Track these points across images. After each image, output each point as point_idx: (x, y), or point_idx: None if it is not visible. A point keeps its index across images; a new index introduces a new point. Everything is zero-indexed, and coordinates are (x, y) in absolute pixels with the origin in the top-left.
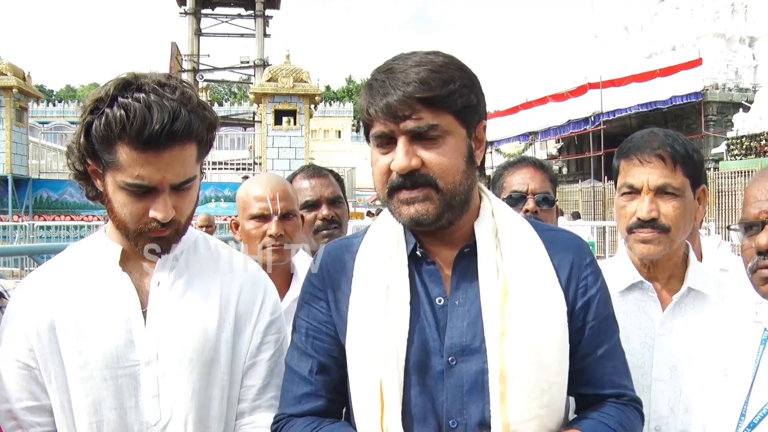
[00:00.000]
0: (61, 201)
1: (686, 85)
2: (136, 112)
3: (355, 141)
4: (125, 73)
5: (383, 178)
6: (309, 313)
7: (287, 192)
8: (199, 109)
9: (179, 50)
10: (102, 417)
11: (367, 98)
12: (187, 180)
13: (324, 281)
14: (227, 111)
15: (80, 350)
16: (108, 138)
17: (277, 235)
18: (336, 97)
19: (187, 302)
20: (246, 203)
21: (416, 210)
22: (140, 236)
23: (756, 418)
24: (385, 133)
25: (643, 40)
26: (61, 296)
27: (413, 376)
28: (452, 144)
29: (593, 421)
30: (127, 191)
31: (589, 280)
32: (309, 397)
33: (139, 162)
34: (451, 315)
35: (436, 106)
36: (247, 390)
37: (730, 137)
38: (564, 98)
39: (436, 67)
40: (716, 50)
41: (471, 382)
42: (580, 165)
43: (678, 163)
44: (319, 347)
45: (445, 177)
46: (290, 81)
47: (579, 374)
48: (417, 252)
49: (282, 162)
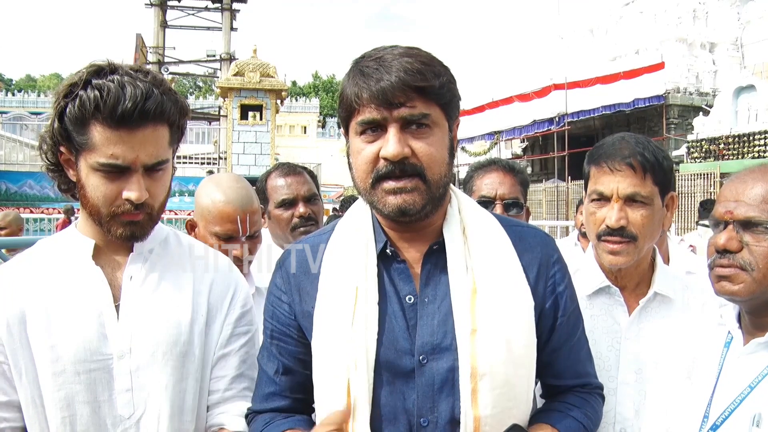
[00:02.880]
0: (20, 193)
1: (649, 88)
2: (110, 90)
3: (321, 137)
4: (98, 60)
5: (368, 167)
6: (273, 315)
7: (254, 210)
8: (171, 93)
9: (144, 42)
10: (75, 411)
11: (358, 83)
12: (160, 162)
13: (288, 282)
14: (192, 104)
15: (52, 345)
16: (82, 118)
17: (242, 256)
18: (302, 92)
19: (159, 296)
20: (211, 217)
21: (404, 200)
22: (113, 220)
23: (719, 419)
24: (376, 119)
25: (608, 43)
26: (32, 290)
27: (383, 375)
28: (439, 135)
29: (560, 414)
30: (101, 173)
31: (557, 277)
32: (274, 397)
33: (113, 140)
34: (422, 313)
35: (428, 96)
36: (218, 380)
37: (691, 140)
38: (529, 98)
39: (426, 60)
40: (678, 55)
41: (442, 380)
42: (544, 165)
43: (648, 172)
44: (283, 349)
45: (432, 167)
46: (257, 76)
47: (547, 367)
48: (387, 251)
49: (247, 157)
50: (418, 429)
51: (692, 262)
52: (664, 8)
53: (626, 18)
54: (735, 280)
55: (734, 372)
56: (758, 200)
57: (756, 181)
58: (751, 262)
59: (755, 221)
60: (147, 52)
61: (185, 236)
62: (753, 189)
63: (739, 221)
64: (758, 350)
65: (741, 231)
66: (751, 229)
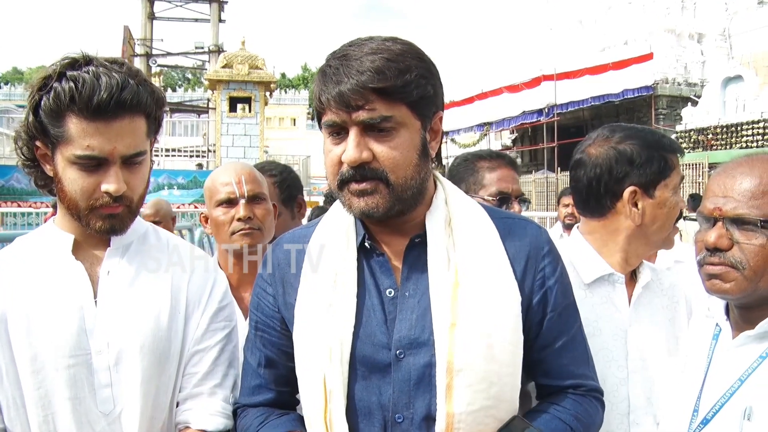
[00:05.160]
0: (7, 187)
1: (638, 79)
2: (85, 82)
3: (310, 129)
4: (73, 53)
5: (335, 170)
6: (258, 307)
7: (253, 175)
8: (147, 84)
9: (132, 34)
10: (55, 409)
11: (320, 85)
12: (138, 153)
13: (273, 275)
14: (181, 97)
15: (31, 342)
16: (57, 111)
17: (246, 218)
18: (291, 84)
19: (137, 291)
20: (212, 191)
21: (366, 203)
22: (92, 213)
23: (709, 414)
24: (337, 122)
25: (597, 33)
26: (10, 288)
27: (358, 370)
28: (405, 137)
29: (548, 416)
30: (78, 165)
31: (547, 271)
32: (260, 389)
33: (89, 132)
34: (401, 307)
35: (390, 96)
36: (190, 377)
37: (679, 131)
38: (519, 89)
39: (393, 56)
40: (666, 45)
41: (418, 375)
42: (533, 156)
43: None
44: (267, 341)
45: (396, 171)
46: (245, 68)
47: (537, 365)
48: (366, 243)
49: (236, 150)
50: (393, 425)
51: (680, 250)
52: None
53: (615, 8)
54: (726, 279)
55: (723, 365)
56: (747, 196)
57: (744, 176)
58: (742, 260)
59: (745, 219)
60: (135, 44)
61: (164, 231)
62: (741, 184)
63: (729, 218)
64: (747, 343)
65: (731, 228)
66: (741, 226)
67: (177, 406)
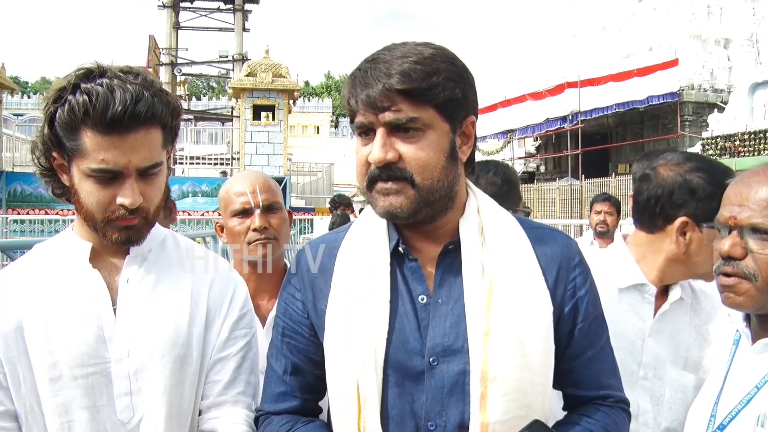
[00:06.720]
0: (35, 194)
1: (663, 85)
2: (99, 95)
3: (334, 137)
4: (87, 63)
5: (363, 169)
6: (285, 312)
7: (268, 184)
8: (162, 94)
9: (157, 43)
10: (73, 417)
11: (350, 88)
12: (154, 165)
13: (302, 280)
14: (205, 105)
15: (49, 350)
16: (72, 124)
17: (261, 228)
18: (315, 92)
19: (157, 298)
20: (227, 201)
21: (390, 202)
22: (108, 225)
23: (726, 419)
24: (365, 123)
25: (621, 40)
26: (28, 296)
27: (392, 377)
28: (432, 138)
29: (579, 428)
30: (94, 179)
31: (577, 281)
32: (285, 396)
33: (104, 146)
34: (434, 314)
35: (416, 98)
36: (213, 385)
37: (705, 137)
38: (542, 97)
39: (422, 59)
40: (692, 51)
41: (452, 383)
42: (557, 163)
43: None
44: (294, 347)
45: (422, 172)
46: (269, 76)
47: (566, 375)
48: (399, 248)
49: (260, 157)
50: None
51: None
52: (677, 4)
53: (639, 15)
54: (738, 292)
55: (742, 371)
56: (763, 205)
57: (760, 185)
58: (755, 271)
59: (759, 228)
60: (160, 54)
61: (183, 238)
62: (758, 193)
63: (743, 227)
64: (765, 351)
65: (745, 237)
66: (756, 235)
67: (200, 414)
